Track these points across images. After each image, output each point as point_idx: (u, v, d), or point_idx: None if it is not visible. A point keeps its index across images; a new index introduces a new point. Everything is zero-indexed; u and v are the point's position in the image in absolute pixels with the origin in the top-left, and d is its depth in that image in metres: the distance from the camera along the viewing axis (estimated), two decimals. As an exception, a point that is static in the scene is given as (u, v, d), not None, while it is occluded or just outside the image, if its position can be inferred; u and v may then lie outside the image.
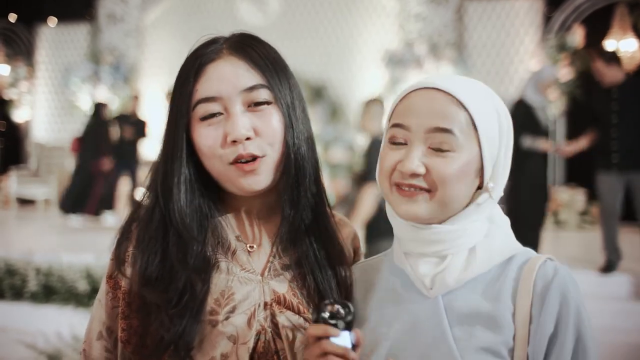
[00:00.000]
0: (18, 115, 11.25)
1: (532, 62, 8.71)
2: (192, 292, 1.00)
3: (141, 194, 1.12)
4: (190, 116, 1.06)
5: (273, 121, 1.05)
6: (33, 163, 10.46)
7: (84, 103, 10.25)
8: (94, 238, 7.24)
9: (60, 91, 10.76)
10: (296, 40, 9.23)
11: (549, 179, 5.45)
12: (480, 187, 1.01)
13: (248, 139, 1.03)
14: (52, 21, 11.03)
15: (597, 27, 8.30)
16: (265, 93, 1.05)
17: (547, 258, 1.01)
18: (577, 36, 8.37)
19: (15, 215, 9.25)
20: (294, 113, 1.08)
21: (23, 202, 9.87)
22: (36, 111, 11.16)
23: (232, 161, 1.04)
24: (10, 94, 11.10)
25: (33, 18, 11.00)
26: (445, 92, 0.98)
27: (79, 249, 6.12)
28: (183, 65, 1.09)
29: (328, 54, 9.38)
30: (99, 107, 8.54)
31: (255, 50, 1.07)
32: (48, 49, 11.13)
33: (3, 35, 11.17)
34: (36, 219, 8.82)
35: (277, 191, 1.10)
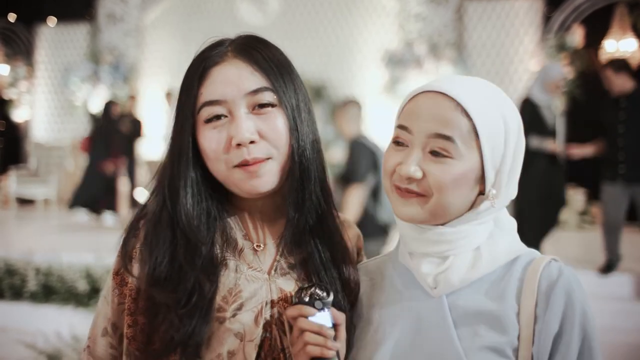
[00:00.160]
0: (17, 114, 11.24)
1: (532, 62, 8.72)
2: (201, 293, 1.01)
3: (146, 194, 1.12)
4: (195, 119, 1.06)
5: (278, 124, 1.05)
6: (32, 163, 10.45)
7: (86, 103, 10.23)
8: (94, 238, 7.24)
9: (59, 91, 10.75)
10: (296, 40, 9.22)
11: (559, 182, 5.21)
12: (482, 193, 1.01)
13: (252, 142, 1.03)
14: (52, 21, 11.02)
15: (597, 27, 8.30)
16: (269, 96, 1.05)
17: (552, 259, 1.01)
18: (577, 36, 8.37)
19: (14, 215, 9.24)
20: (299, 116, 1.08)
21: (22, 202, 9.86)
22: (36, 111, 11.15)
23: (237, 165, 1.04)
24: (9, 94, 11.09)
25: (33, 18, 10.99)
26: (450, 98, 0.97)
27: (79, 249, 6.12)
28: (189, 68, 1.09)
29: (328, 54, 9.38)
30: (109, 106, 8.47)
31: (260, 52, 1.07)
32: (48, 49, 11.12)
33: (2, 34, 11.16)
34: (36, 219, 8.81)
35: (283, 192, 1.10)
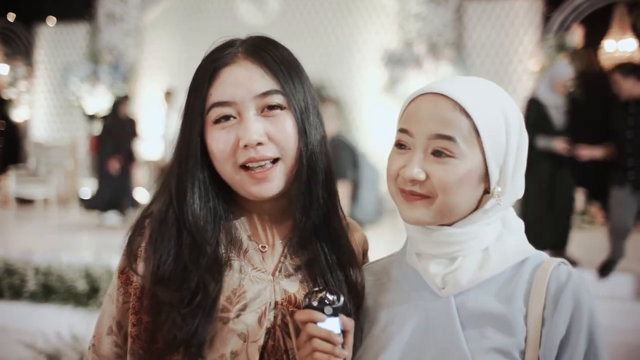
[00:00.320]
0: (17, 114, 11.24)
1: (531, 62, 8.73)
2: (205, 292, 1.01)
3: (146, 194, 1.13)
4: (204, 119, 1.06)
5: (286, 127, 1.05)
6: (32, 162, 10.44)
7: (81, 102, 10.21)
8: (93, 237, 7.24)
9: (59, 91, 10.74)
10: (296, 40, 9.22)
11: (567, 182, 5.12)
12: (488, 192, 1.01)
13: (260, 144, 1.03)
14: (51, 20, 11.02)
15: (596, 27, 8.30)
16: (279, 98, 1.05)
17: (561, 262, 1.01)
18: (576, 36, 8.37)
19: (14, 214, 9.24)
20: (308, 119, 1.08)
21: (22, 202, 9.85)
22: (35, 110, 11.15)
23: (244, 163, 1.04)
24: (9, 94, 11.09)
25: (32, 17, 10.99)
26: (449, 98, 0.97)
27: (78, 249, 6.12)
28: (198, 68, 1.09)
29: (328, 54, 9.37)
30: (118, 105, 8.26)
31: (270, 54, 1.07)
32: (47, 49, 11.12)
33: (2, 34, 11.15)
34: (35, 219, 8.80)
35: (289, 194, 1.10)
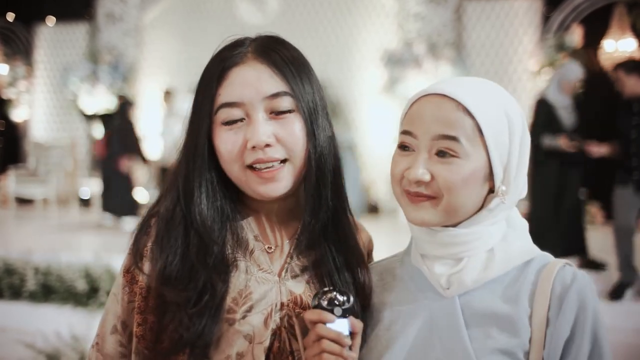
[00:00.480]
0: (16, 114, 11.22)
1: (531, 62, 8.73)
2: (212, 292, 1.00)
3: (146, 193, 1.13)
4: (212, 119, 1.05)
5: (295, 129, 1.04)
6: (31, 162, 10.42)
7: (77, 101, 10.19)
8: (93, 237, 7.24)
9: (58, 90, 10.73)
10: (295, 39, 8.96)
11: (573, 185, 5.02)
12: (492, 191, 1.01)
13: (268, 146, 1.03)
14: (51, 20, 11.01)
15: (596, 27, 8.30)
16: (288, 101, 1.04)
17: (566, 263, 1.01)
18: (576, 36, 8.36)
19: (13, 214, 9.23)
20: (316, 120, 1.07)
21: (21, 202, 9.84)
22: (35, 110, 11.14)
23: (251, 164, 1.03)
24: (8, 93, 11.07)
25: (32, 17, 10.98)
26: (451, 99, 0.98)
27: (78, 249, 6.12)
28: (207, 67, 1.08)
29: (327, 54, 9.36)
30: (125, 105, 8.09)
31: (280, 54, 1.07)
32: (47, 48, 11.11)
33: (1, 34, 11.14)
34: (35, 219, 8.80)
35: (297, 195, 1.10)
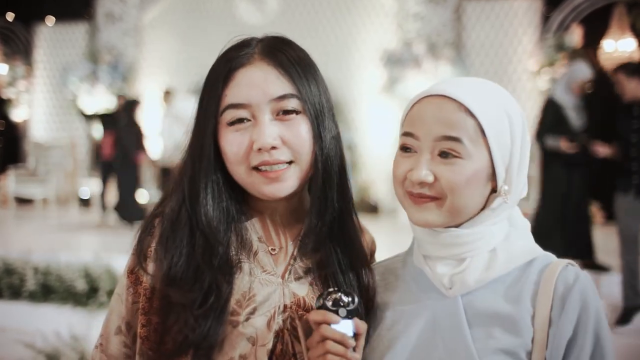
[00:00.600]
0: (16, 114, 11.22)
1: (531, 62, 8.73)
2: (218, 294, 1.00)
3: (150, 193, 1.12)
4: (217, 120, 1.05)
5: (301, 131, 1.04)
6: (31, 162, 10.42)
7: (77, 101, 10.19)
8: (92, 237, 7.24)
9: (58, 90, 10.73)
10: (295, 39, 9.07)
11: (578, 188, 4.99)
12: (495, 191, 1.01)
13: (274, 148, 1.02)
14: (51, 20, 11.01)
15: (596, 27, 8.30)
16: (294, 102, 1.04)
17: (568, 263, 1.01)
18: (576, 36, 8.37)
19: (13, 214, 9.23)
20: (323, 122, 1.07)
21: (21, 202, 9.84)
22: (34, 110, 11.14)
23: (257, 165, 1.03)
24: (8, 93, 11.07)
25: (31, 17, 10.98)
26: (453, 100, 0.98)
27: (77, 248, 6.12)
28: (213, 67, 1.07)
29: (327, 54, 9.36)
30: (132, 105, 7.95)
31: (286, 55, 1.06)
32: (46, 48, 11.11)
33: (1, 34, 11.14)
34: (34, 218, 8.80)
35: (301, 196, 1.10)
